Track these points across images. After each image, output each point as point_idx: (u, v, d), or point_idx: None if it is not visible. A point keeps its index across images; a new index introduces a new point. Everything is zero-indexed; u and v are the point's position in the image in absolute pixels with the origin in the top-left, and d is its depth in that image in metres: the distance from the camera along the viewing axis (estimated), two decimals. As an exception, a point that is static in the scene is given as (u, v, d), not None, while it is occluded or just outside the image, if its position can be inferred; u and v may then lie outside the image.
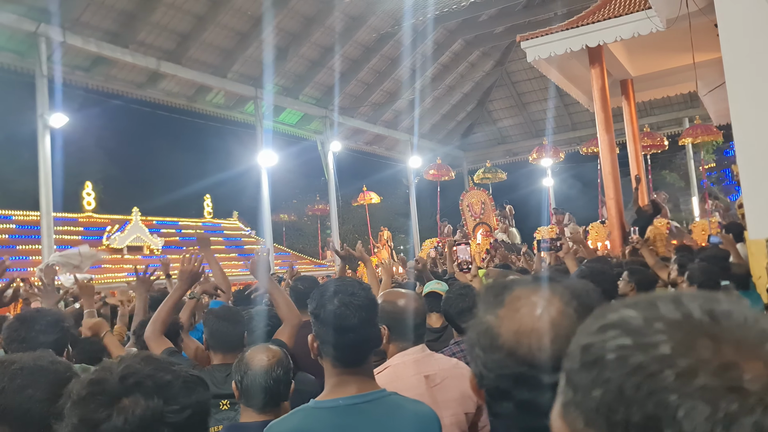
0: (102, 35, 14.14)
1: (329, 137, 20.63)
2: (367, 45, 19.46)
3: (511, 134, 27.05)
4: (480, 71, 23.96)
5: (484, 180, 22.22)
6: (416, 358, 2.44)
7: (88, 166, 25.35)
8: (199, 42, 15.78)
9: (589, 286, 1.05)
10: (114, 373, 1.21)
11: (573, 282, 1.05)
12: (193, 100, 17.37)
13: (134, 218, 17.32)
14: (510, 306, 1.00)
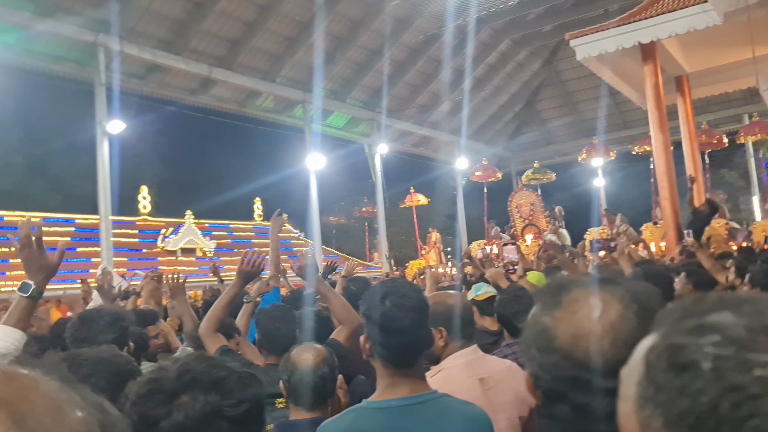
0: (156, 43, 14.56)
1: (376, 140, 20.72)
2: (414, 47, 19.47)
3: (560, 134, 26.62)
4: (528, 71, 23.69)
5: (533, 181, 21.92)
6: (469, 360, 2.42)
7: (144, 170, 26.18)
8: (249, 48, 16.08)
9: (651, 289, 1.03)
10: (170, 372, 1.26)
11: (634, 284, 1.03)
12: (243, 105, 17.72)
13: (187, 221, 17.77)
14: (567, 307, 0.98)
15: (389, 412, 1.74)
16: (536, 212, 18.12)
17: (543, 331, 0.99)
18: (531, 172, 22.02)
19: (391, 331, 1.76)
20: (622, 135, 24.11)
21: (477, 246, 18.09)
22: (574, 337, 0.95)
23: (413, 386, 1.78)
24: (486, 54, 21.24)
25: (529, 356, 1.01)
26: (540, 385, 0.98)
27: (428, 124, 22.96)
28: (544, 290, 1.07)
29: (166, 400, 1.21)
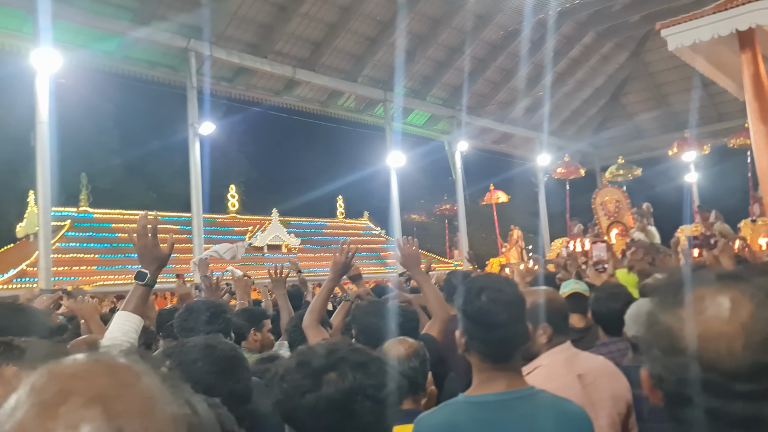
0: (243, 47, 15.08)
1: (456, 137, 20.65)
2: (494, 43, 19.27)
3: (648, 128, 25.61)
4: (613, 64, 22.96)
5: (617, 177, 21.16)
6: (566, 356, 2.40)
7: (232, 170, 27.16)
8: (331, 49, 16.40)
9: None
10: (319, 351, 1.36)
11: (764, 281, 0.94)
12: (325, 105, 18.07)
13: (273, 218, 18.32)
14: (693, 306, 0.92)
15: (486, 407, 1.74)
16: (622, 209, 17.52)
17: (666, 331, 0.93)
18: (615, 168, 21.27)
19: (487, 325, 1.77)
20: (716, 128, 22.93)
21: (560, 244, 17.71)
22: (703, 338, 0.88)
23: (510, 381, 1.78)
24: (569, 48, 20.75)
25: (650, 357, 0.96)
26: (664, 387, 0.94)
27: (508, 120, 22.66)
28: (663, 287, 1.01)
29: (315, 375, 1.30)
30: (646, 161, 24.51)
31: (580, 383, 2.31)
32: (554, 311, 2.42)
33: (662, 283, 1.03)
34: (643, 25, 19.82)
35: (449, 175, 21.81)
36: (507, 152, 24.69)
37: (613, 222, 17.50)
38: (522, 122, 23.05)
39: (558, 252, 15.75)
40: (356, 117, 19.06)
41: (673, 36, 10.43)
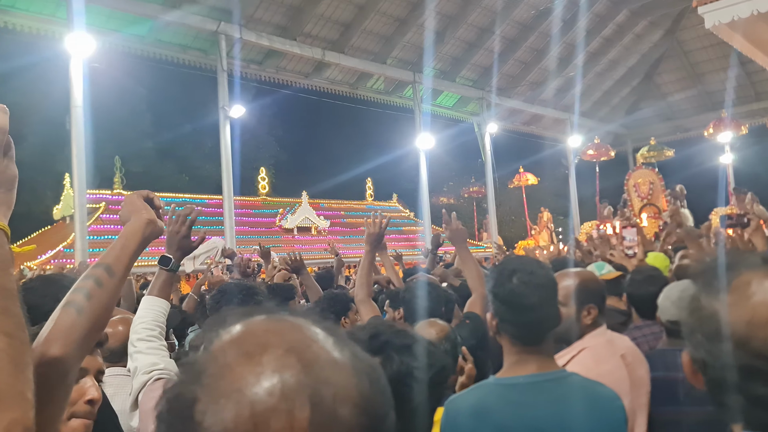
0: (273, 29, 15.10)
1: (486, 118, 20.48)
2: (525, 23, 18.99)
3: (682, 108, 25.06)
4: (647, 42, 22.46)
5: (649, 159, 20.84)
6: (607, 338, 2.41)
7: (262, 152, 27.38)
8: (360, 30, 16.33)
9: None
10: (361, 335, 1.35)
11: None
12: (354, 87, 18.04)
13: (303, 201, 18.44)
14: (739, 292, 0.90)
15: (517, 389, 1.75)
16: (656, 191, 17.28)
17: (711, 316, 0.93)
18: (647, 150, 20.94)
19: (518, 308, 1.76)
20: (753, 108, 22.37)
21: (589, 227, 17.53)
22: (750, 324, 0.87)
23: (541, 364, 1.77)
24: (602, 26, 20.35)
25: (693, 342, 0.96)
26: (708, 372, 0.93)
27: (539, 101, 22.38)
28: (707, 271, 0.99)
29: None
30: (680, 142, 24.05)
31: (624, 362, 2.32)
32: (596, 293, 2.42)
33: (704, 267, 1.01)
34: (679, 2, 19.32)
35: (478, 157, 21.67)
36: (537, 134, 24.42)
37: (646, 204, 17.26)
38: (553, 103, 22.75)
39: (587, 235, 15.58)
40: (385, 99, 19.00)
41: (711, 13, 10.16)
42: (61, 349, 1.11)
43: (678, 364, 2.61)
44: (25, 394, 0.83)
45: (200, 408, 0.54)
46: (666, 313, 2.79)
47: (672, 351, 2.65)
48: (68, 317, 1.15)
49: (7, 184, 0.97)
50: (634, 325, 3.34)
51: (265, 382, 0.53)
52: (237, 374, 0.54)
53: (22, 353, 0.86)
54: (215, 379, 0.55)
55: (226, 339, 0.58)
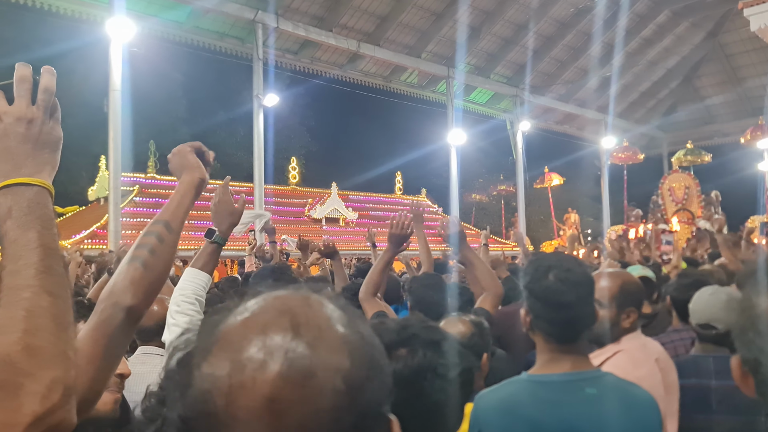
0: (309, 20, 15.15)
1: (519, 116, 20.31)
2: (563, 20, 18.77)
3: (721, 113, 24.57)
4: (688, 44, 22.05)
5: (685, 163, 20.46)
6: (641, 342, 2.37)
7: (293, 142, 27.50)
8: (397, 23, 16.29)
9: None
10: (390, 326, 1.35)
11: None
12: (388, 80, 18.03)
13: (332, 192, 18.51)
14: None
15: (550, 387, 1.71)
16: (691, 196, 16.96)
17: (764, 313, 0.92)
18: (683, 153, 20.56)
19: (554, 305, 1.73)
20: (794, 115, 21.83)
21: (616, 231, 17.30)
22: None
23: (575, 363, 1.74)
24: (641, 27, 20.02)
25: (744, 341, 0.94)
26: (760, 371, 0.91)
27: (574, 101, 22.11)
28: (755, 271, 1.00)
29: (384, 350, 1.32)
30: (717, 147, 23.59)
31: (658, 367, 2.29)
32: (637, 296, 2.38)
33: (754, 267, 1.02)
34: (723, 4, 18.92)
35: (510, 155, 21.52)
36: (570, 133, 24.13)
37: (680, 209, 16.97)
38: (588, 103, 22.46)
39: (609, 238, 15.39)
40: (418, 93, 18.95)
41: (757, 16, 9.96)
42: (133, 299, 1.19)
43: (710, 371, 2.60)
44: (67, 353, 0.85)
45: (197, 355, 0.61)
46: (694, 316, 2.74)
47: (704, 357, 2.62)
48: (136, 271, 1.22)
49: (53, 145, 0.99)
50: (673, 329, 3.31)
51: (253, 334, 0.58)
52: (234, 328, 0.60)
53: (65, 312, 0.88)
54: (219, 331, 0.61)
55: (241, 302, 0.65)
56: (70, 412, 0.83)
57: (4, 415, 0.78)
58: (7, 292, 0.84)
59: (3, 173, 0.92)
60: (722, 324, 2.56)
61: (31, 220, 0.89)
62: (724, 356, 2.53)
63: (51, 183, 0.96)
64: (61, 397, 0.81)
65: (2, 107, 0.95)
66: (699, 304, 2.73)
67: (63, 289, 0.89)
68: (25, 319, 0.82)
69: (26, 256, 0.87)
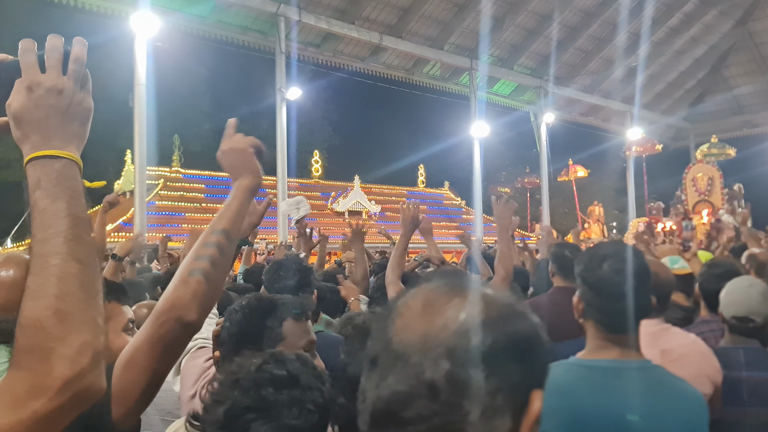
0: (331, 13, 15.14)
1: (543, 108, 20.11)
2: (588, 10, 18.52)
3: (750, 103, 24.08)
4: (716, 33, 21.62)
5: (709, 157, 20.12)
6: (653, 331, 2.31)
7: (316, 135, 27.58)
8: (419, 15, 16.22)
9: None
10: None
11: None
12: (410, 73, 17.96)
13: (355, 185, 18.55)
14: None
15: (598, 371, 1.72)
16: (714, 188, 16.69)
17: None
18: (707, 147, 20.25)
19: (607, 295, 1.73)
20: (826, 104, 21.36)
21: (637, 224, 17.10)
22: None
23: (624, 352, 1.73)
24: (668, 16, 19.68)
25: None
26: None
27: (599, 92, 21.84)
28: None
29: None
30: (746, 139, 23.18)
31: (662, 358, 2.18)
32: (660, 284, 2.33)
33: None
34: (753, -9, 18.53)
35: (534, 147, 21.35)
36: (595, 125, 23.85)
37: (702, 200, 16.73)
38: (613, 94, 22.17)
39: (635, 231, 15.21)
40: (441, 85, 18.85)
41: (788, 3, 9.71)
42: (196, 315, 1.20)
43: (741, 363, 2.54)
44: (96, 319, 0.86)
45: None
46: (729, 308, 2.67)
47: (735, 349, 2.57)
48: (199, 285, 1.22)
49: (82, 117, 0.98)
50: (702, 319, 3.26)
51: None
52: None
53: (94, 279, 0.89)
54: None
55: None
56: (99, 377, 0.85)
57: (35, 379, 0.79)
58: (36, 259, 0.86)
59: (33, 145, 0.92)
60: (760, 317, 2.51)
61: (60, 191, 0.90)
62: (755, 348, 2.48)
63: (79, 156, 0.96)
64: (91, 362, 0.83)
65: (35, 77, 0.94)
66: (735, 296, 2.66)
67: (91, 257, 0.90)
68: (54, 285, 0.83)
69: (55, 224, 0.87)
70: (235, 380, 1.11)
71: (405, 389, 0.65)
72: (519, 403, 0.67)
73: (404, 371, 0.65)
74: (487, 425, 0.65)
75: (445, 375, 0.64)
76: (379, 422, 0.67)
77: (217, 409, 1.08)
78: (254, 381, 1.11)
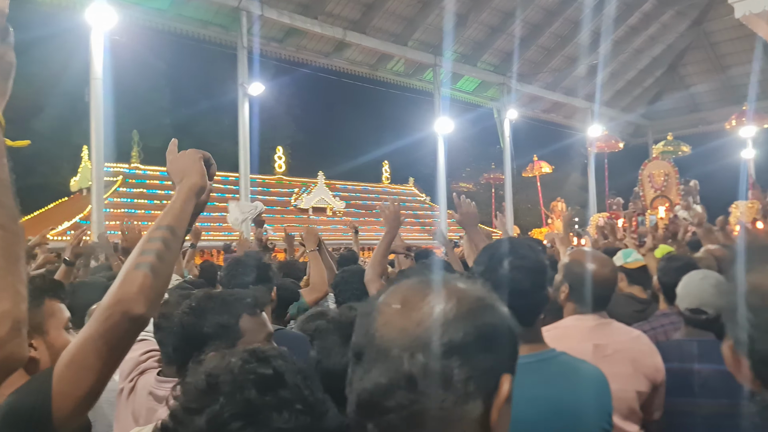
0: (294, 7, 14.99)
1: (506, 104, 20.28)
2: (549, 8, 18.72)
3: (705, 101, 24.68)
4: (673, 32, 22.07)
5: (665, 154, 20.57)
6: (591, 325, 2.32)
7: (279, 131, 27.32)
8: (383, 11, 16.17)
9: None
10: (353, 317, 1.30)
11: None
12: (374, 69, 17.90)
13: (319, 181, 18.43)
14: None
15: None
16: (670, 184, 17.05)
17: (755, 289, 0.92)
18: (663, 145, 20.73)
19: (510, 293, 1.66)
20: (778, 102, 22.01)
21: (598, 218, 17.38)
22: None
23: (532, 345, 1.75)
24: (628, 14, 20.02)
25: (734, 320, 0.94)
26: (756, 347, 0.91)
27: (561, 89, 22.11)
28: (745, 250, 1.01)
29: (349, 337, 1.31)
30: (702, 136, 23.71)
31: (594, 352, 2.22)
32: (592, 281, 2.32)
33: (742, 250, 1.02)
34: (708, -8, 18.96)
35: (497, 144, 21.50)
36: (557, 122, 24.15)
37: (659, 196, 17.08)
38: (574, 91, 22.48)
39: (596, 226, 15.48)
40: (405, 81, 18.83)
41: (741, 3, 9.95)
42: (144, 309, 1.17)
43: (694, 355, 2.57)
44: (17, 287, 0.83)
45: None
46: (684, 301, 2.71)
47: (689, 341, 2.61)
48: (145, 279, 1.19)
49: (4, 72, 0.93)
50: (661, 312, 3.32)
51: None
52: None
53: (15, 245, 0.85)
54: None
55: None
56: (20, 346, 0.82)
57: None
58: None
59: None
60: (712, 309, 2.54)
61: None
62: (709, 340, 2.52)
63: (1, 113, 0.91)
64: (10, 331, 0.80)
65: None
66: (689, 289, 2.71)
67: (13, 222, 0.85)
68: None
69: None
70: (213, 384, 1.00)
71: (386, 381, 0.72)
72: (490, 388, 0.77)
73: (385, 365, 0.73)
74: (461, 410, 0.73)
75: (422, 367, 0.72)
76: (364, 411, 0.75)
77: (196, 419, 0.97)
78: (237, 384, 1.00)
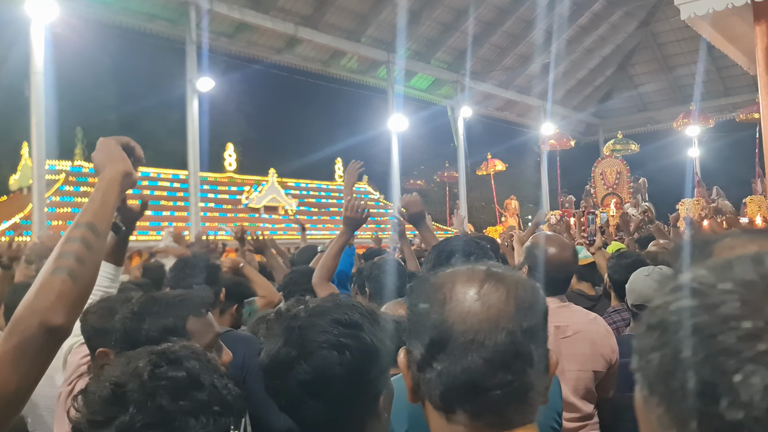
0: (245, 2, 14.67)
1: (459, 102, 20.34)
2: (502, 7, 18.83)
3: (654, 100, 25.32)
4: (622, 33, 22.51)
5: (615, 152, 21.03)
6: (552, 308, 2.30)
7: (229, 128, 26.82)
8: (335, 7, 15.98)
9: None
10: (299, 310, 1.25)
11: None
12: (327, 65, 17.69)
13: (271, 179, 18.14)
14: (722, 255, 0.93)
15: None
16: (622, 182, 17.42)
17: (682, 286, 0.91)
18: (612, 143, 21.21)
19: None
20: (722, 102, 22.72)
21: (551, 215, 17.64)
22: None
23: None
24: (578, 14, 20.31)
25: None
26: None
27: (514, 87, 22.31)
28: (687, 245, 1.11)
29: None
30: (651, 134, 24.30)
31: (555, 334, 2.29)
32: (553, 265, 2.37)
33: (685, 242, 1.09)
34: (655, -7, 19.37)
35: (451, 141, 21.57)
36: (510, 120, 24.38)
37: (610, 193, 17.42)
38: (527, 90, 22.72)
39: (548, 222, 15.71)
40: (358, 78, 18.69)
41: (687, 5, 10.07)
42: (63, 318, 1.07)
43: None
44: None
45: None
46: (630, 297, 2.84)
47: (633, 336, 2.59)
48: (64, 284, 1.08)
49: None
50: (613, 308, 3.43)
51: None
52: None
53: None
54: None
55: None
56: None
57: None
58: None
59: None
60: None
61: None
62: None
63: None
64: None
65: None
66: (634, 285, 2.80)
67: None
68: None
69: None
70: (121, 393, 0.92)
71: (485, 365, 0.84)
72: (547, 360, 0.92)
73: (478, 352, 0.84)
74: (540, 382, 0.88)
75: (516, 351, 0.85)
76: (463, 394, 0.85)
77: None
78: (148, 390, 0.92)
